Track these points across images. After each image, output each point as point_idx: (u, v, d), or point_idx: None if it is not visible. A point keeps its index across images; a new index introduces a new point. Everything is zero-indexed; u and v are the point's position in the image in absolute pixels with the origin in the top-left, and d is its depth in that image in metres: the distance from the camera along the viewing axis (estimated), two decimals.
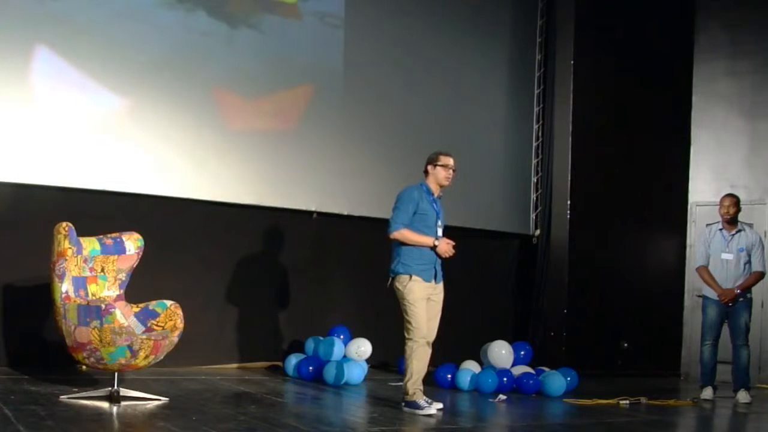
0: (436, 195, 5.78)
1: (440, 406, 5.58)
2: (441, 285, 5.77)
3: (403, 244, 5.62)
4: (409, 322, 5.55)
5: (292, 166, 7.53)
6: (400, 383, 5.64)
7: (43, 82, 6.41)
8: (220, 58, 7.20)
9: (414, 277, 5.57)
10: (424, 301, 5.60)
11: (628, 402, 6.52)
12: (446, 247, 5.61)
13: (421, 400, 5.50)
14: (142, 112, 6.81)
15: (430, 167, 5.76)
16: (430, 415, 5.41)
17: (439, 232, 5.74)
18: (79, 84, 6.53)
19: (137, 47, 6.79)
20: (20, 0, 6.32)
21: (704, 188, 9.46)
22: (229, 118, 7.25)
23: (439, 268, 5.72)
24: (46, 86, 6.42)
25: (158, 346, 5.11)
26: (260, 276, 7.47)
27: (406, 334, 5.58)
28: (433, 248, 5.61)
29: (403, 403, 5.56)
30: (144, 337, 5.08)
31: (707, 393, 7.19)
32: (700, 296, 7.67)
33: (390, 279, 5.69)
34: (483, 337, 7.30)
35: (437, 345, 5.73)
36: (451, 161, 5.76)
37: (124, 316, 5.07)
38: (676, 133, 9.60)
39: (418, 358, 5.53)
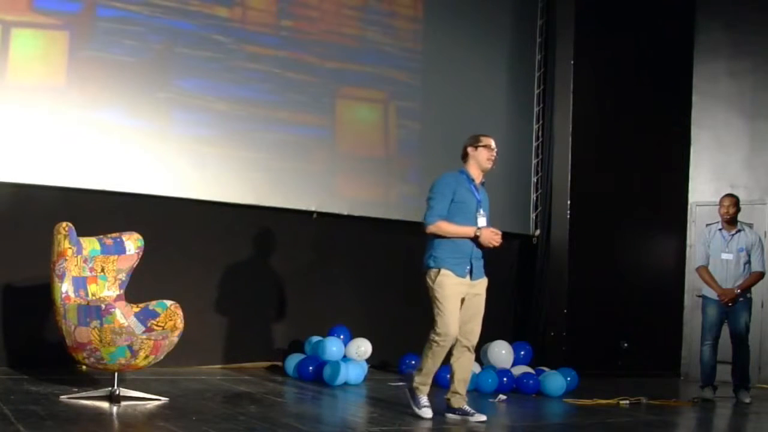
0: (477, 181, 5.35)
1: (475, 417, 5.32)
2: (482, 282, 5.33)
3: (438, 236, 5.21)
4: (435, 320, 5.17)
5: (293, 166, 7.53)
6: (401, 383, 5.63)
7: None
8: (220, 58, 7.20)
9: (444, 272, 5.14)
10: (455, 298, 5.17)
11: (628, 402, 6.52)
12: (490, 235, 5.13)
13: (423, 396, 5.27)
14: (142, 111, 6.82)
15: (470, 149, 5.33)
16: (420, 417, 5.19)
17: (482, 222, 5.26)
18: (78, 84, 6.54)
19: (137, 46, 6.80)
20: None
21: (704, 188, 9.46)
22: (229, 119, 7.25)
23: (477, 263, 5.27)
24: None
25: (158, 346, 5.11)
26: (260, 276, 7.47)
27: (431, 331, 5.20)
28: (475, 239, 5.15)
29: (406, 387, 5.41)
30: (144, 337, 5.08)
31: (707, 393, 7.18)
32: (700, 296, 7.66)
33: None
34: (483, 337, 7.28)
35: None
36: (492, 142, 5.34)
37: (124, 316, 5.07)
38: (676, 133, 9.59)
39: (434, 358, 5.21)
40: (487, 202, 5.42)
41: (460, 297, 5.22)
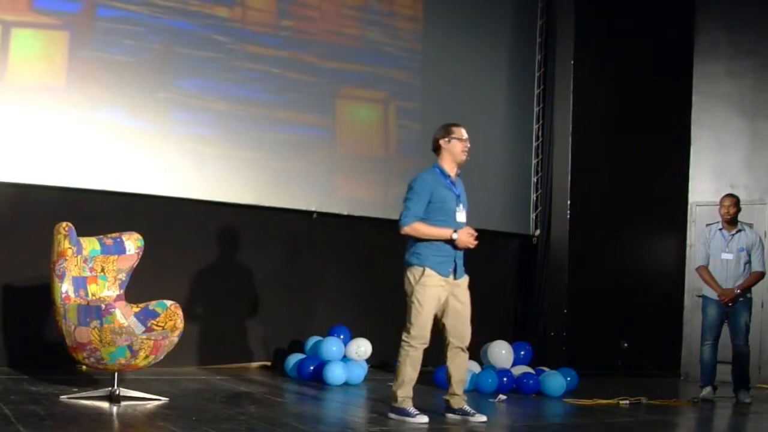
0: (453, 174, 5.20)
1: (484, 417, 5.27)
2: (464, 281, 5.23)
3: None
4: (411, 323, 5.04)
5: (293, 166, 7.53)
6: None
7: None
8: (220, 58, 7.20)
9: (428, 271, 5.01)
10: (436, 301, 5.07)
11: (628, 402, 6.51)
12: (466, 237, 5.03)
13: (411, 408, 5.09)
14: (142, 111, 6.82)
15: (443, 142, 5.16)
16: (420, 424, 5.00)
17: (461, 217, 5.16)
18: (78, 84, 6.54)
19: (137, 46, 6.80)
20: None
21: (704, 188, 9.45)
22: (229, 118, 7.25)
23: (459, 261, 5.16)
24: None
25: (158, 346, 5.11)
26: (260, 276, 7.47)
27: (403, 335, 5.06)
28: (451, 241, 5.04)
29: (389, 409, 5.18)
30: (144, 337, 5.08)
31: (707, 393, 7.18)
32: (700, 296, 7.66)
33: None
34: (483, 337, 7.29)
35: (436, 344, 5.65)
36: (464, 132, 5.19)
37: (124, 316, 5.07)
38: (676, 133, 9.59)
39: (413, 364, 5.06)
40: (464, 194, 5.29)
41: (441, 300, 5.12)
